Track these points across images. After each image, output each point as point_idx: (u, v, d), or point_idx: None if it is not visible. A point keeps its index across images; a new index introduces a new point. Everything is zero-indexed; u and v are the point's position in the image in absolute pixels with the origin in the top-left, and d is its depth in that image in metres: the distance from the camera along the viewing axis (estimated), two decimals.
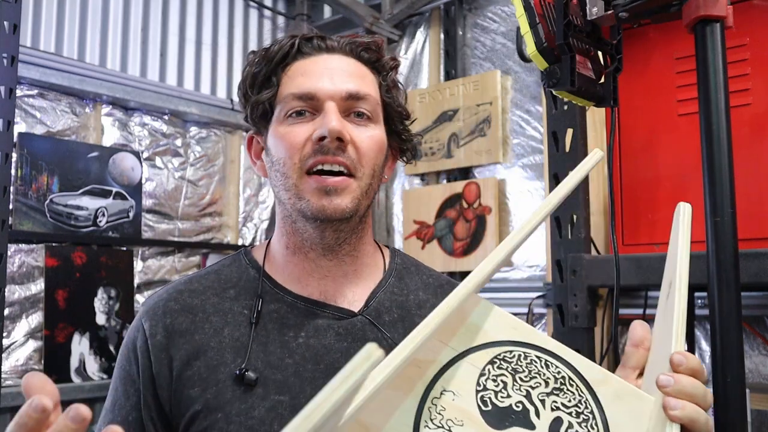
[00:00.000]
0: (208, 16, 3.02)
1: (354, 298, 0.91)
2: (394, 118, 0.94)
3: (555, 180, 1.42)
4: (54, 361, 2.30)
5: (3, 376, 2.14)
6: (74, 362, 2.34)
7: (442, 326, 0.60)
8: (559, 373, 0.64)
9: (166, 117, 2.79)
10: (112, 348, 2.45)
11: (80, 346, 2.37)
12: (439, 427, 0.58)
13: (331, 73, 0.88)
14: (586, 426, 0.61)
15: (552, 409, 0.61)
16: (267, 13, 3.27)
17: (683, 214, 0.73)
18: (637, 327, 0.75)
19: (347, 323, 0.88)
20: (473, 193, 2.67)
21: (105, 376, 2.40)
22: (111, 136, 2.62)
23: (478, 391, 0.61)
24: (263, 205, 3.19)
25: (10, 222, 2.13)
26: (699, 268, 1.22)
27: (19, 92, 2.30)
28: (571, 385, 0.63)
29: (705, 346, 2.02)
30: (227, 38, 3.09)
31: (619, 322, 2.17)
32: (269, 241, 0.96)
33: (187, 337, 0.85)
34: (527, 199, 2.58)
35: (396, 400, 0.58)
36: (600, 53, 1.05)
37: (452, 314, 0.60)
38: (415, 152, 1.00)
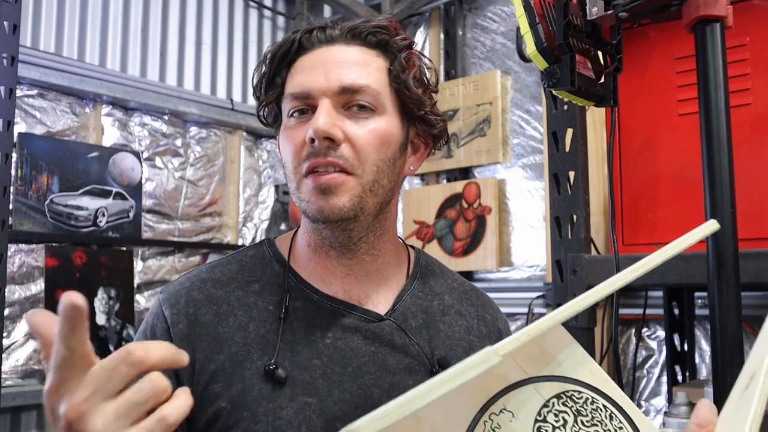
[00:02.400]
0: (208, 16, 3.03)
1: (378, 299, 0.88)
2: (409, 104, 0.87)
3: (555, 180, 1.42)
4: None
5: (3, 376, 2.14)
6: None
7: (522, 347, 0.58)
8: (621, 428, 0.62)
9: (166, 117, 2.79)
10: (112, 348, 2.45)
11: None
12: None
13: (327, 67, 0.83)
14: None
15: None
16: (267, 13, 3.27)
17: None
18: (705, 407, 0.70)
19: (375, 327, 0.85)
20: (473, 193, 2.67)
21: None
22: (111, 136, 2.62)
23: (537, 420, 0.59)
24: (263, 205, 3.19)
25: (10, 222, 2.13)
26: (699, 268, 1.22)
27: (19, 92, 2.30)
28: None
29: (705, 346, 2.02)
30: (227, 38, 3.09)
31: (619, 322, 2.17)
32: (295, 233, 0.93)
33: (209, 329, 0.82)
34: (527, 199, 2.58)
35: (454, 402, 0.56)
36: (600, 53, 1.05)
37: (536, 339, 0.58)
38: (447, 138, 0.94)
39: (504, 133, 2.65)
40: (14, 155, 2.25)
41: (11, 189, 2.11)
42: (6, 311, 2.17)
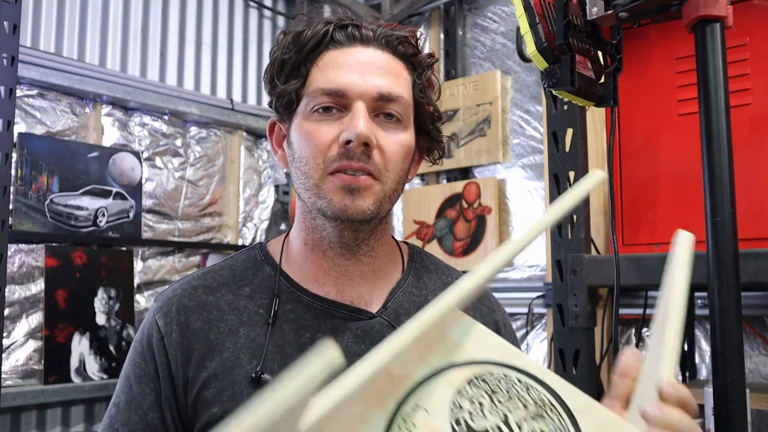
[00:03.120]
0: (208, 16, 3.02)
1: (371, 299, 0.88)
2: (426, 119, 0.89)
3: (555, 180, 1.42)
4: (54, 361, 2.30)
5: (3, 376, 2.14)
6: (74, 362, 2.34)
7: (421, 339, 0.56)
8: (540, 398, 0.60)
9: (166, 117, 2.79)
10: (112, 348, 2.45)
11: (80, 346, 2.37)
12: None
13: (363, 69, 0.83)
14: None
15: None
16: (267, 13, 3.27)
17: (683, 243, 0.69)
18: (626, 355, 0.69)
19: (365, 325, 0.85)
20: (473, 193, 2.67)
21: (105, 376, 2.40)
22: (111, 136, 2.62)
23: (452, 410, 0.57)
24: (263, 205, 3.19)
25: (10, 222, 2.13)
26: (699, 268, 1.22)
27: (19, 92, 2.30)
28: (552, 411, 0.59)
29: (705, 346, 2.02)
30: (227, 38, 3.09)
31: (619, 322, 2.17)
32: (286, 236, 0.93)
33: (201, 336, 0.83)
34: (527, 199, 2.58)
35: (364, 414, 0.54)
36: (600, 53, 1.05)
37: (432, 327, 0.56)
38: (443, 153, 0.96)
39: (504, 133, 2.65)
40: (14, 155, 2.25)
41: (11, 189, 2.11)
42: (6, 311, 2.17)
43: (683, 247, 0.69)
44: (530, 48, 0.99)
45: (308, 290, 0.87)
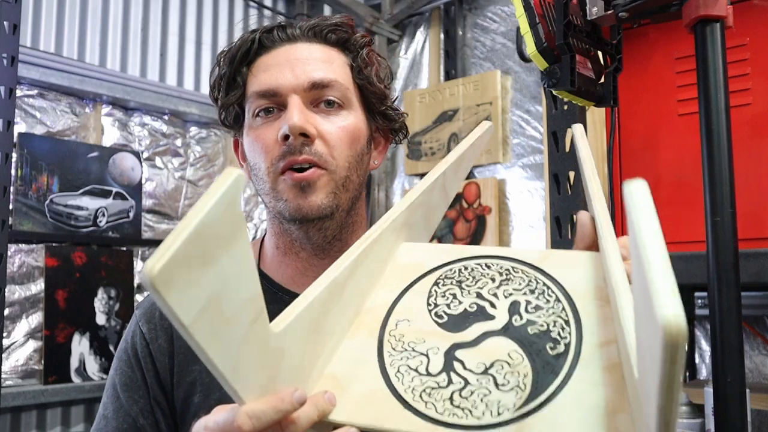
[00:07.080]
0: (208, 16, 3.02)
1: None
2: (373, 99, 0.88)
3: (555, 180, 1.42)
4: (54, 361, 2.30)
5: (3, 376, 2.14)
6: (74, 362, 2.34)
7: (377, 274, 0.64)
8: (501, 267, 0.65)
9: (166, 117, 2.79)
10: (112, 348, 2.45)
11: (80, 346, 2.37)
12: (402, 351, 0.59)
13: (293, 65, 0.83)
14: (544, 297, 0.60)
15: (506, 297, 0.61)
16: (267, 13, 3.27)
17: (580, 134, 0.75)
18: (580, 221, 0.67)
19: None
20: (473, 193, 2.67)
21: (105, 376, 2.40)
22: (111, 136, 2.62)
23: (430, 310, 0.62)
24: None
25: (10, 222, 2.13)
26: (699, 268, 1.22)
27: (19, 92, 2.30)
28: (516, 272, 0.64)
29: (705, 346, 2.02)
30: (227, 38, 3.09)
31: None
32: (262, 240, 0.93)
33: (183, 341, 0.83)
34: (527, 199, 2.58)
35: (356, 346, 0.60)
36: (600, 53, 1.05)
37: (379, 263, 0.64)
38: (406, 132, 0.95)
39: (504, 133, 2.65)
40: (14, 155, 2.25)
41: (11, 189, 2.11)
42: (6, 311, 2.17)
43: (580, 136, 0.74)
44: (530, 48, 0.99)
45: (289, 290, 0.87)
